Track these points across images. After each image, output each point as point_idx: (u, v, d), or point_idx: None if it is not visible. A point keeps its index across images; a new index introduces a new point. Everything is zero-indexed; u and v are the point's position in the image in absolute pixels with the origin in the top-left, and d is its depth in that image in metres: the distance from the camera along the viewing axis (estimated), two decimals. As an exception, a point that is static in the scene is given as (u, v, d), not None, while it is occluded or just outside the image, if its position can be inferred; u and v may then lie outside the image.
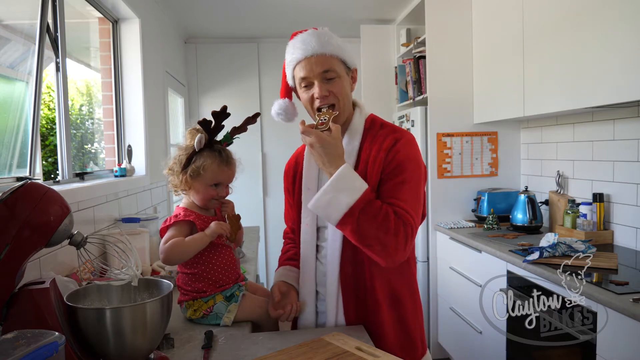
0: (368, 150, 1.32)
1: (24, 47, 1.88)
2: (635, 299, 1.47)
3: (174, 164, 1.41)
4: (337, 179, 1.20)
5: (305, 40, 1.30)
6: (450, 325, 2.96)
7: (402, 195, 1.25)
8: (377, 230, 1.18)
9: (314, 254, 1.39)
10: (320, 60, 1.28)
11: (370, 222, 1.18)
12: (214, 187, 1.40)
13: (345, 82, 1.32)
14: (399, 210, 1.22)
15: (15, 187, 1.02)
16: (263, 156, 4.47)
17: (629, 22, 1.81)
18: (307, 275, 1.39)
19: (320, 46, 1.29)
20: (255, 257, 2.49)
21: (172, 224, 1.38)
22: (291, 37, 1.36)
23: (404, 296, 1.34)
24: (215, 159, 1.38)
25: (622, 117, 2.28)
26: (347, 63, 1.33)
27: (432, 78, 3.17)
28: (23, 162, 1.78)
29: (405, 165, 1.27)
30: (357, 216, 1.18)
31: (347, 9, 3.64)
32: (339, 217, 1.19)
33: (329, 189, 1.20)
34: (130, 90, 2.77)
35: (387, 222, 1.18)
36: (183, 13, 3.63)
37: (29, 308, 0.97)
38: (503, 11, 2.74)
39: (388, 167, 1.27)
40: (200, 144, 1.37)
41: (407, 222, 1.21)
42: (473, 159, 3.21)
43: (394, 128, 1.36)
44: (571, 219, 2.46)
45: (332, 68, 1.29)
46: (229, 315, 1.38)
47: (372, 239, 1.19)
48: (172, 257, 1.34)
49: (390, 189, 1.25)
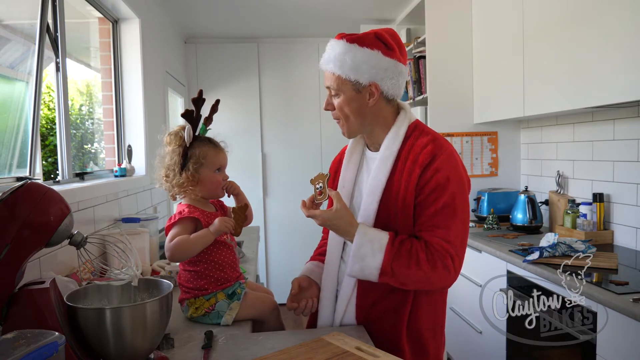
0: (405, 159, 1.28)
1: (24, 47, 1.88)
2: (635, 299, 1.47)
3: (168, 170, 1.40)
4: (358, 249, 1.23)
5: (326, 50, 1.32)
6: (450, 325, 2.94)
7: (443, 222, 1.22)
8: (414, 275, 1.21)
9: (340, 252, 1.38)
10: (326, 75, 1.31)
11: (405, 271, 1.21)
12: (217, 172, 1.43)
13: (349, 99, 1.28)
14: (435, 241, 1.21)
15: (15, 187, 1.02)
16: (263, 156, 4.47)
17: (628, 22, 1.81)
18: (330, 273, 1.39)
19: (325, 62, 1.30)
20: (255, 257, 2.48)
21: (177, 222, 1.38)
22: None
23: (424, 307, 1.32)
24: (210, 146, 1.42)
25: (622, 117, 2.28)
26: (357, 80, 1.26)
27: (432, 78, 3.17)
28: (23, 162, 1.78)
29: (446, 187, 1.22)
30: (390, 272, 1.21)
31: (347, 9, 3.64)
32: (377, 279, 1.23)
33: (354, 260, 1.24)
34: (130, 90, 2.77)
35: (420, 264, 1.20)
36: (183, 13, 3.63)
37: (29, 308, 0.97)
38: (503, 11, 2.74)
39: (426, 188, 1.23)
40: (191, 137, 1.38)
41: (443, 255, 1.20)
42: (473, 159, 3.21)
43: (434, 137, 1.31)
44: (571, 219, 2.46)
45: (332, 85, 1.29)
46: (231, 313, 1.38)
47: (413, 283, 1.23)
48: (178, 254, 1.35)
49: (431, 217, 1.23)
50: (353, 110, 1.30)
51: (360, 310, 1.33)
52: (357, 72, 1.26)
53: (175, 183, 1.40)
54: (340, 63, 1.26)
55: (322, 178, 1.30)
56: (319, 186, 1.29)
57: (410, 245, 1.22)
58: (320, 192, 1.29)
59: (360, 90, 1.28)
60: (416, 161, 1.25)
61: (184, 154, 1.39)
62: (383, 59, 1.26)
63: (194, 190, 1.41)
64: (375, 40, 1.27)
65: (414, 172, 1.25)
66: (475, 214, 3.09)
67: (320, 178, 1.30)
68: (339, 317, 1.34)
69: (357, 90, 1.28)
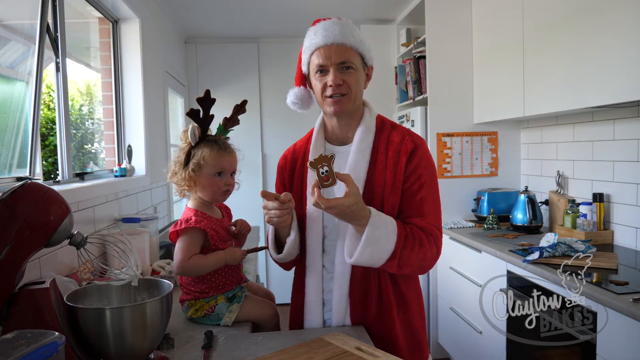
0: (384, 151, 1.31)
1: (24, 47, 1.88)
2: (635, 299, 1.47)
3: (175, 167, 1.40)
4: (373, 232, 1.18)
5: (328, 27, 1.28)
6: (450, 325, 2.95)
7: (427, 209, 1.28)
8: (416, 258, 1.23)
9: (321, 255, 1.34)
10: (340, 49, 1.26)
11: (409, 255, 1.22)
12: (217, 176, 1.39)
13: (360, 76, 1.31)
14: (427, 227, 1.26)
15: (15, 187, 1.02)
16: (263, 156, 4.47)
17: (628, 22, 1.81)
18: (314, 279, 1.34)
19: (342, 36, 1.27)
20: (255, 257, 2.49)
21: (184, 231, 1.35)
22: (313, 23, 1.34)
23: (411, 299, 1.35)
24: (213, 148, 1.37)
25: (622, 117, 2.28)
26: (365, 58, 1.32)
27: (432, 78, 3.17)
28: (23, 162, 1.78)
29: (427, 177, 1.29)
30: (399, 256, 1.21)
31: (347, 9, 3.64)
32: (383, 263, 1.22)
33: (366, 245, 1.19)
34: (130, 90, 2.77)
35: (423, 248, 1.24)
36: (183, 13, 3.63)
37: (29, 308, 0.97)
38: (503, 11, 2.74)
39: (412, 176, 1.28)
40: (195, 136, 1.36)
41: (437, 238, 1.28)
42: (473, 159, 3.21)
43: (406, 130, 1.36)
44: (571, 219, 2.46)
45: (350, 60, 1.27)
46: (230, 315, 1.38)
47: (411, 265, 1.24)
48: (190, 273, 1.37)
49: (417, 205, 1.28)
50: (361, 87, 1.33)
51: (354, 317, 1.32)
52: (367, 50, 1.31)
53: (176, 181, 1.40)
54: (359, 39, 1.29)
55: (327, 160, 1.15)
56: (325, 170, 1.15)
57: (410, 229, 1.25)
58: (327, 176, 1.14)
59: (364, 69, 1.33)
60: (399, 151, 1.30)
61: (188, 153, 1.38)
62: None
63: (194, 191, 1.40)
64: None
65: (399, 161, 1.29)
66: (475, 214, 3.09)
67: (324, 160, 1.15)
68: (338, 320, 1.33)
69: (363, 69, 1.33)
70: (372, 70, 1.37)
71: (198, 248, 1.36)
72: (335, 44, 1.26)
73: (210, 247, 1.38)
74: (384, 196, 1.28)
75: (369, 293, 1.31)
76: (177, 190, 1.42)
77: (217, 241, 1.38)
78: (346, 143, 1.37)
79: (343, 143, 1.38)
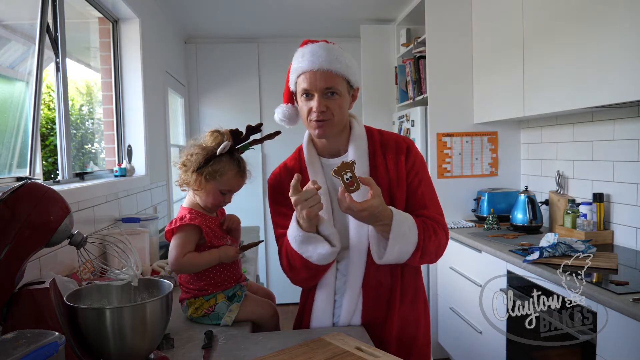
0: (381, 153, 1.37)
1: (24, 47, 1.88)
2: (635, 299, 1.47)
3: (188, 161, 1.37)
4: (399, 227, 1.22)
5: (315, 52, 1.28)
6: (450, 325, 2.95)
7: (429, 201, 1.35)
8: (433, 245, 1.29)
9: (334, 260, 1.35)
10: (325, 76, 1.27)
11: (428, 244, 1.27)
12: (223, 194, 1.41)
13: (345, 101, 1.32)
14: (434, 216, 1.33)
15: (15, 187, 1.02)
16: (263, 157, 4.47)
17: (629, 22, 1.81)
18: (327, 280, 1.36)
19: (328, 62, 1.27)
20: (255, 257, 2.48)
21: (179, 228, 1.37)
22: (301, 44, 1.34)
23: (419, 301, 1.39)
24: (233, 168, 1.39)
25: (622, 117, 2.28)
26: (350, 82, 1.32)
27: (432, 78, 3.17)
28: (23, 162, 1.78)
29: (423, 173, 1.37)
30: (422, 246, 1.26)
31: (347, 9, 3.64)
32: (409, 256, 1.27)
33: (394, 241, 1.23)
34: (130, 90, 2.77)
35: (437, 235, 1.30)
36: (183, 13, 3.63)
37: (29, 308, 0.97)
38: (503, 11, 2.74)
39: (412, 171, 1.35)
40: (224, 150, 1.37)
41: (444, 225, 1.35)
42: (473, 159, 3.21)
43: (394, 133, 1.44)
44: (571, 219, 2.46)
45: (336, 86, 1.28)
46: (230, 315, 1.39)
47: (429, 254, 1.29)
48: (185, 270, 1.39)
49: (419, 199, 1.35)
50: (344, 112, 1.34)
51: (365, 317, 1.34)
52: (353, 74, 1.32)
53: (182, 175, 1.39)
54: (345, 64, 1.29)
55: (349, 167, 1.18)
56: (349, 177, 1.18)
57: (422, 220, 1.30)
58: (351, 182, 1.18)
59: (350, 92, 1.35)
60: (397, 150, 1.37)
61: (208, 158, 1.37)
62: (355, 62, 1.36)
63: (196, 193, 1.40)
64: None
65: (399, 160, 1.35)
66: (475, 214, 3.09)
67: (347, 167, 1.18)
68: (347, 318, 1.34)
69: (348, 92, 1.34)
70: (358, 91, 1.39)
71: (193, 245, 1.38)
72: (321, 70, 1.27)
73: (206, 245, 1.39)
74: (392, 194, 1.33)
75: (379, 295, 1.34)
76: (179, 182, 1.42)
77: (213, 238, 1.39)
78: (338, 155, 1.39)
79: (335, 155, 1.40)
